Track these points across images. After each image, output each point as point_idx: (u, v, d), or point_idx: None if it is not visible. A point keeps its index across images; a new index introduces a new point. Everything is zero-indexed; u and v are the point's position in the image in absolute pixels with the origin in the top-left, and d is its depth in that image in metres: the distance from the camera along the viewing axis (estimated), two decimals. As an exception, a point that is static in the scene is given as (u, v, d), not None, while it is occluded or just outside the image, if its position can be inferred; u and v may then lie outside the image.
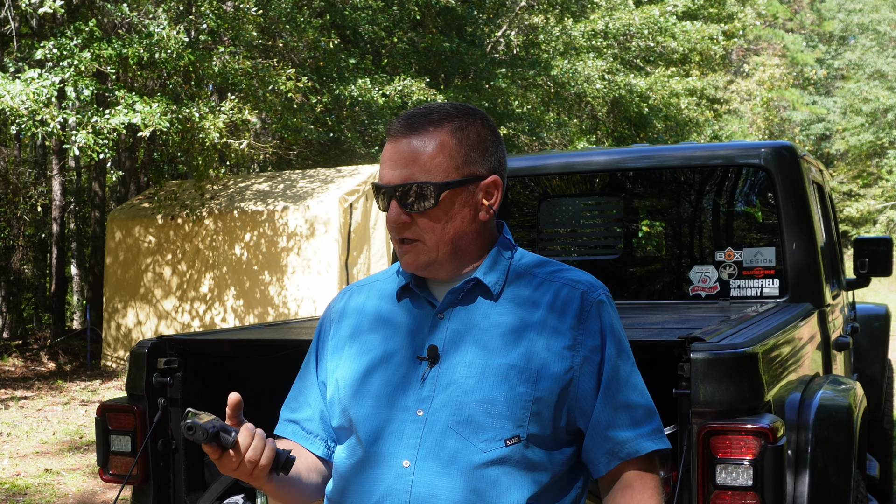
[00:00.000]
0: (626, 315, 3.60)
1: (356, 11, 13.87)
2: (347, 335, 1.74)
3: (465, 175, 1.63)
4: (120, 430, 2.99)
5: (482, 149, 1.66)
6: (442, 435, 1.58)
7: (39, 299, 17.81)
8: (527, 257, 1.73)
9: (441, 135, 1.63)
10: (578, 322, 1.63)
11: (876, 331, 5.26)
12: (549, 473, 1.61)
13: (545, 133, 16.79)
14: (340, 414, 1.69)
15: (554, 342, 1.61)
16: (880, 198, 32.36)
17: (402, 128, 1.64)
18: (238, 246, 12.08)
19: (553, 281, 1.67)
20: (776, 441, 2.29)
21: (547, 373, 1.60)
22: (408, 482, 1.57)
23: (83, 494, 6.48)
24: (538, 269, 1.70)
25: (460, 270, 1.68)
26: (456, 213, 1.64)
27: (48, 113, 9.28)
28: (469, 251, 1.67)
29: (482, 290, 1.66)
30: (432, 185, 1.61)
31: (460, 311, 1.66)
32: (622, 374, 1.65)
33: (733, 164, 4.07)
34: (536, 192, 4.45)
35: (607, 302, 1.67)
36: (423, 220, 1.63)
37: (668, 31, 18.49)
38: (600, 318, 1.65)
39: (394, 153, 1.64)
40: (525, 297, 1.66)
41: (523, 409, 1.58)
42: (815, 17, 39.68)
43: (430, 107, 1.68)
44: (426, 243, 1.64)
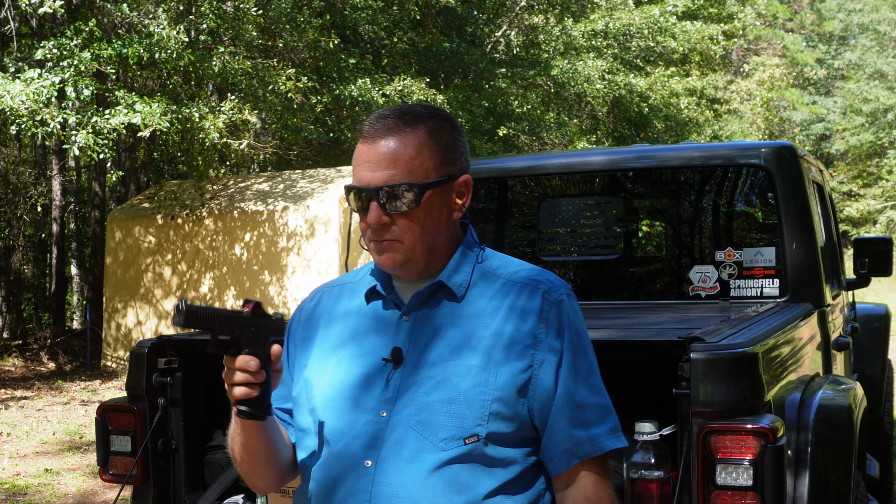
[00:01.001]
0: (626, 315, 3.61)
1: (356, 11, 13.87)
2: (317, 336, 1.77)
3: (442, 175, 1.66)
4: (120, 430, 2.99)
5: (455, 149, 1.69)
6: (403, 435, 1.60)
7: (39, 299, 17.81)
8: (491, 258, 1.75)
9: (419, 136, 1.65)
10: (539, 321, 1.65)
11: (876, 331, 5.26)
12: (509, 471, 1.62)
13: (545, 133, 16.79)
14: (307, 413, 1.71)
15: (514, 342, 1.63)
16: (880, 198, 32.37)
17: (379, 129, 1.65)
18: (238, 246, 12.09)
19: (516, 281, 1.69)
20: (776, 441, 2.29)
21: (506, 371, 1.62)
22: (368, 482, 1.60)
23: (83, 494, 6.48)
24: (502, 270, 1.72)
25: (431, 270, 1.70)
26: (433, 214, 1.66)
27: (48, 113, 9.28)
28: (441, 251, 1.70)
29: (447, 292, 1.69)
30: (415, 186, 1.63)
31: (425, 314, 1.69)
32: (581, 374, 1.67)
33: (733, 164, 4.07)
34: (536, 192, 4.46)
35: (568, 301, 1.69)
36: (403, 220, 1.65)
37: (668, 31, 18.48)
38: (560, 317, 1.66)
39: (372, 154, 1.65)
40: (488, 298, 1.68)
41: (482, 408, 1.60)
42: (815, 17, 39.68)
43: (400, 108, 1.69)
44: (404, 243, 1.66)
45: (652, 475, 2.53)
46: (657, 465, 2.54)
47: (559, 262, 4.35)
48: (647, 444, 2.56)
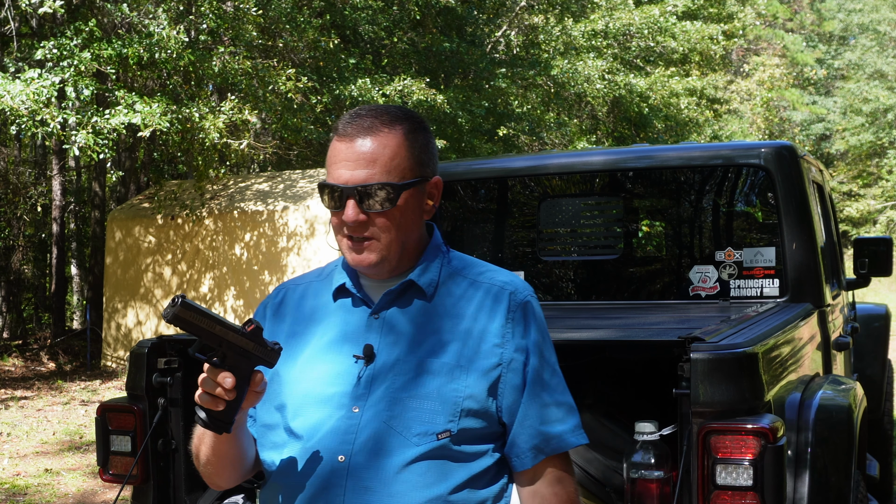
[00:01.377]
0: (626, 315, 3.61)
1: (356, 11, 13.87)
2: (285, 333, 1.78)
3: (417, 176, 1.70)
4: (120, 430, 2.99)
5: (428, 151, 1.73)
6: (376, 430, 1.63)
7: (39, 299, 17.81)
8: (456, 259, 1.80)
9: (397, 136, 1.68)
10: (506, 321, 1.70)
11: (876, 331, 5.26)
12: (476, 466, 1.67)
13: (545, 133, 16.79)
14: (273, 410, 1.73)
15: (484, 341, 1.69)
16: (880, 198, 32.37)
17: (357, 128, 1.68)
18: (238, 246, 12.09)
19: (482, 282, 1.75)
20: (776, 441, 2.29)
21: (477, 370, 1.67)
22: (343, 476, 1.63)
23: (83, 494, 6.48)
24: (468, 271, 1.77)
25: (400, 269, 1.74)
26: (409, 214, 1.70)
27: (48, 113, 9.28)
28: (411, 251, 1.74)
29: (417, 291, 1.73)
30: (393, 185, 1.66)
31: (395, 312, 1.72)
32: (546, 373, 1.73)
33: (733, 164, 4.07)
34: (536, 192, 4.46)
35: (533, 302, 1.75)
36: (380, 219, 1.67)
37: (668, 31, 18.48)
38: (526, 318, 1.72)
39: (350, 153, 1.67)
40: (456, 298, 1.73)
41: (454, 405, 1.64)
42: (815, 17, 39.68)
43: (376, 108, 1.72)
44: (380, 242, 1.69)
45: (652, 475, 2.53)
46: (657, 465, 2.54)
47: (559, 262, 4.35)
48: (647, 444, 2.56)
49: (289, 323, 1.80)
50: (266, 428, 1.75)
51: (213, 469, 1.74)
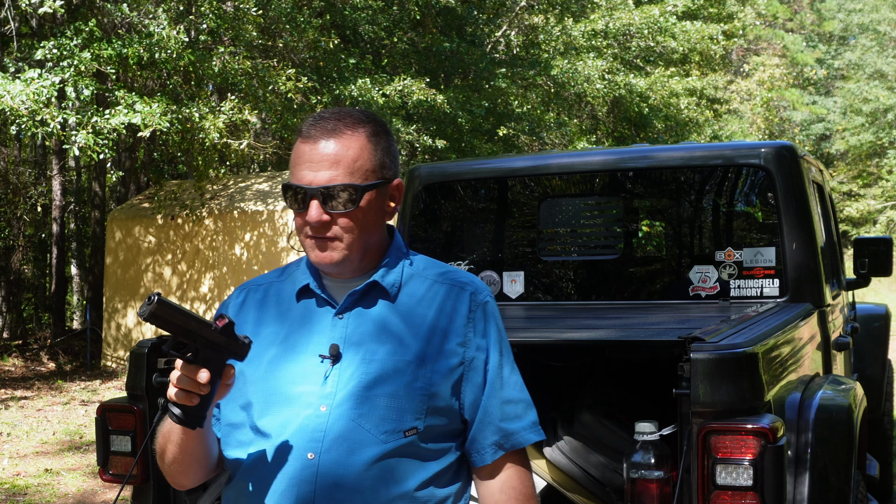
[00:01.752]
0: (626, 315, 3.61)
1: (356, 11, 13.87)
2: (248, 333, 1.80)
3: (379, 178, 1.74)
4: (120, 430, 2.99)
5: (391, 154, 1.77)
6: (345, 428, 1.67)
7: (39, 299, 17.82)
8: (417, 260, 1.84)
9: (360, 139, 1.72)
10: (468, 321, 1.76)
11: (876, 331, 5.26)
12: (440, 462, 1.73)
13: (545, 133, 16.79)
14: (238, 409, 1.76)
15: (446, 340, 1.74)
16: (880, 198, 32.37)
17: (321, 131, 1.71)
18: (238, 246, 12.09)
19: (443, 283, 1.79)
20: (776, 441, 2.29)
21: (441, 368, 1.72)
22: (313, 473, 1.66)
23: (83, 494, 6.48)
24: (428, 272, 1.82)
25: (363, 270, 1.78)
26: (371, 215, 1.74)
27: (48, 113, 9.28)
28: (373, 251, 1.78)
29: (380, 291, 1.77)
30: (356, 187, 1.70)
31: (360, 312, 1.76)
32: (505, 371, 1.78)
33: (733, 164, 4.07)
34: (536, 192, 4.46)
35: (492, 302, 1.81)
36: (343, 220, 1.71)
37: (668, 31, 18.48)
38: (486, 317, 1.78)
39: (314, 155, 1.71)
40: (419, 298, 1.77)
41: (420, 403, 1.69)
42: (815, 17, 39.68)
43: (339, 111, 1.76)
44: (343, 242, 1.72)
45: (652, 475, 2.53)
46: (657, 465, 2.54)
47: (559, 262, 4.35)
48: (647, 444, 2.56)
49: (252, 323, 1.82)
50: (231, 427, 1.78)
51: (180, 468, 1.77)
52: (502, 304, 4.27)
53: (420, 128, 13.69)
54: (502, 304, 4.28)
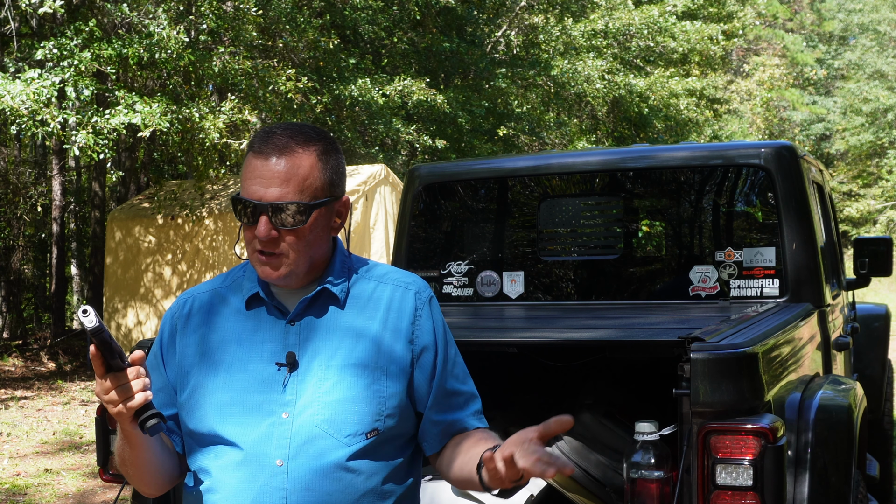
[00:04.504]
0: (626, 315, 3.61)
1: (356, 11, 13.86)
2: (196, 342, 1.83)
3: (328, 196, 1.78)
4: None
5: (339, 172, 1.81)
6: (309, 434, 1.72)
7: (39, 299, 17.81)
8: (357, 262, 1.89)
9: (311, 157, 1.75)
10: (415, 319, 1.81)
11: (876, 331, 5.26)
12: (403, 454, 1.82)
13: (545, 133, 16.79)
14: (198, 419, 1.78)
15: (396, 340, 1.80)
16: (880, 198, 32.37)
17: (273, 147, 1.73)
18: (238, 246, 12.08)
19: (387, 283, 1.85)
20: (776, 441, 2.29)
21: (395, 369, 1.78)
22: (283, 479, 1.70)
23: (83, 494, 6.48)
24: (370, 273, 1.87)
25: (308, 280, 1.82)
26: (317, 231, 1.77)
27: (48, 113, 9.28)
28: (318, 263, 1.82)
29: (330, 297, 1.81)
30: (304, 205, 1.73)
31: (311, 319, 1.80)
32: (450, 365, 1.86)
33: (733, 164, 4.07)
34: (536, 192, 4.45)
35: (434, 299, 1.88)
36: (290, 236, 1.74)
37: (668, 31, 18.48)
38: (432, 314, 1.84)
39: (265, 171, 1.73)
40: (365, 301, 1.82)
41: (379, 404, 1.75)
42: (815, 17, 39.67)
43: (291, 127, 1.78)
44: (289, 257, 1.76)
45: (652, 475, 2.53)
46: (657, 465, 2.54)
47: (559, 262, 4.35)
48: (647, 444, 2.56)
49: (201, 333, 1.84)
50: (192, 438, 1.80)
51: (141, 479, 1.80)
52: (502, 304, 4.27)
53: (420, 128, 13.69)
54: (502, 303, 4.28)
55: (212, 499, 1.76)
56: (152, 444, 1.76)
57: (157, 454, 1.78)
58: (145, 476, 1.79)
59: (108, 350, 1.58)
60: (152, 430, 1.62)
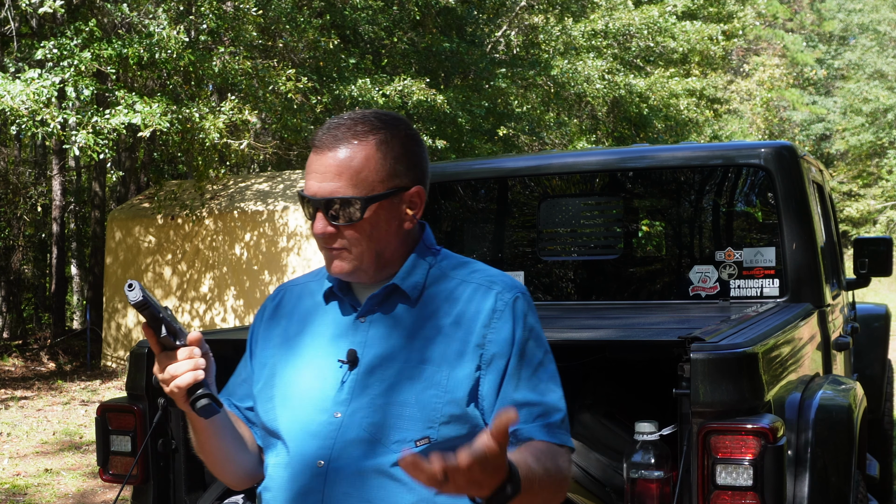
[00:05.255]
0: (626, 315, 3.61)
1: (356, 11, 13.87)
2: (279, 335, 1.80)
3: (389, 188, 1.67)
4: (120, 430, 2.99)
5: (406, 160, 1.69)
6: (356, 436, 1.63)
7: (39, 299, 17.82)
8: (448, 259, 1.77)
9: (367, 148, 1.66)
10: (489, 322, 1.66)
11: (876, 331, 5.26)
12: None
13: (545, 133, 16.79)
14: (264, 412, 1.75)
15: (465, 343, 1.65)
16: (880, 198, 32.38)
17: (329, 139, 1.67)
18: (238, 246, 12.09)
19: (469, 282, 1.71)
20: (776, 441, 2.29)
21: (458, 374, 1.64)
22: (321, 482, 1.63)
23: (83, 494, 6.48)
24: (456, 272, 1.74)
25: (384, 275, 1.72)
26: (381, 225, 1.68)
27: (48, 113, 9.28)
28: (392, 259, 1.72)
29: (400, 294, 1.71)
30: (358, 199, 1.65)
31: (380, 316, 1.71)
32: (525, 374, 1.66)
33: (733, 164, 4.07)
34: (536, 192, 4.46)
35: (521, 302, 1.69)
36: (349, 231, 1.67)
37: (668, 31, 18.48)
38: (513, 318, 1.67)
39: (320, 165, 1.67)
40: (441, 300, 1.70)
41: (434, 411, 1.62)
42: (815, 17, 39.67)
43: (354, 117, 1.70)
44: (352, 253, 1.69)
45: (652, 475, 2.53)
46: (657, 465, 2.54)
47: (559, 262, 4.35)
48: (647, 444, 2.56)
49: (283, 325, 1.80)
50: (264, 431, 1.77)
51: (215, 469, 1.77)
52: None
53: (420, 128, 13.69)
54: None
55: (265, 497, 1.72)
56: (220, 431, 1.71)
57: (228, 443, 1.73)
58: (217, 465, 1.75)
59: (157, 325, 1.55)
60: (203, 411, 1.58)
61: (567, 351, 3.12)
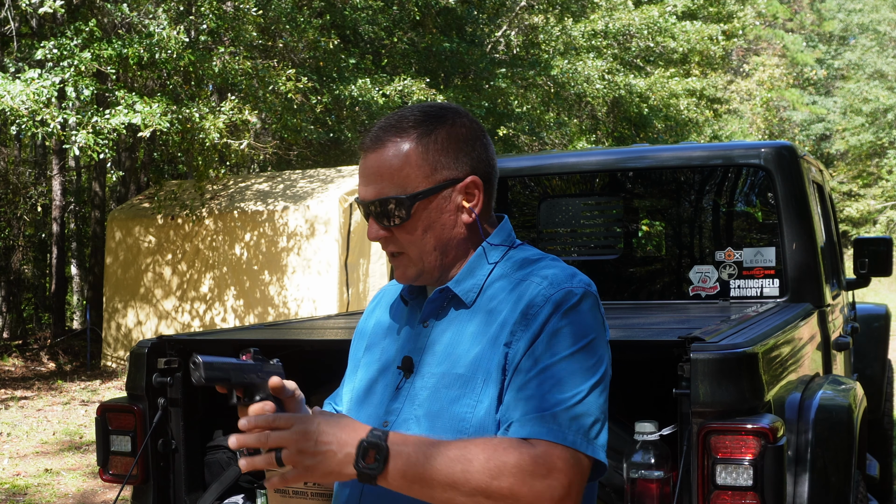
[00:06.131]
0: (626, 315, 3.61)
1: (356, 11, 13.87)
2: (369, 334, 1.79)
3: (436, 182, 1.60)
4: (120, 430, 2.99)
5: (454, 151, 1.61)
6: None
7: (39, 299, 17.82)
8: (518, 256, 1.65)
9: (405, 145, 1.59)
10: (524, 316, 1.53)
11: (876, 331, 5.26)
12: None
13: (545, 133, 16.80)
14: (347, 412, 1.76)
15: (497, 345, 1.54)
16: (880, 198, 32.37)
17: (370, 141, 1.62)
18: (238, 246, 12.09)
19: (525, 281, 1.58)
20: (776, 441, 2.29)
21: (490, 378, 1.54)
22: (359, 489, 1.60)
23: (83, 494, 6.48)
24: (519, 272, 1.61)
25: (452, 275, 1.65)
26: (434, 222, 1.61)
27: (48, 113, 9.28)
28: (458, 255, 1.64)
29: (455, 299, 1.63)
30: (402, 198, 1.58)
31: (437, 321, 1.64)
32: (541, 370, 1.50)
33: (733, 164, 4.07)
34: (536, 192, 4.46)
35: (570, 298, 1.53)
36: (401, 233, 1.61)
37: (668, 32, 18.48)
38: (552, 314, 1.51)
39: (364, 168, 1.62)
40: (497, 303, 1.58)
41: (462, 422, 1.54)
42: (815, 17, 39.67)
43: (397, 114, 1.63)
44: (410, 255, 1.63)
45: (652, 475, 2.53)
46: (657, 465, 2.54)
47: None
48: (647, 444, 2.56)
49: (372, 325, 1.80)
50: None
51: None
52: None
53: (420, 128, 13.67)
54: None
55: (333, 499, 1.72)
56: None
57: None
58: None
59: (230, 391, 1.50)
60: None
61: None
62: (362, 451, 1.39)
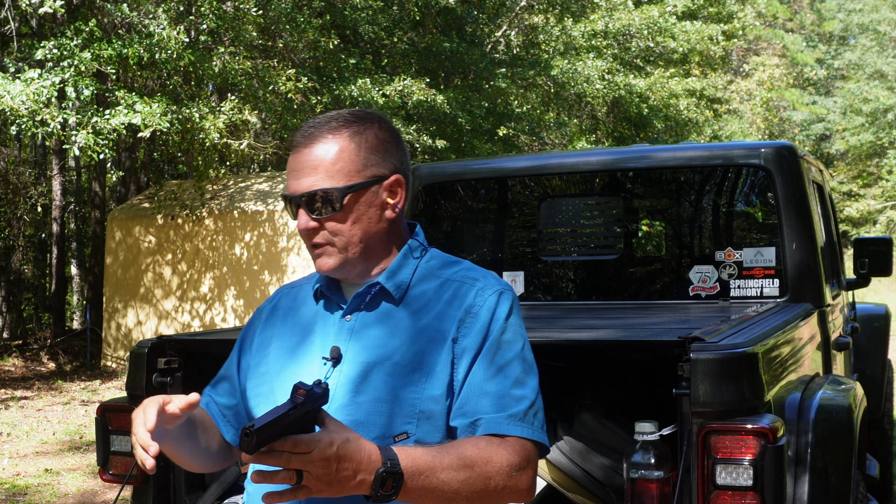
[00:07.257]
0: (626, 315, 3.61)
1: (356, 11, 13.87)
2: (272, 334, 1.83)
3: (366, 177, 1.72)
4: (120, 430, 2.99)
5: (382, 150, 1.74)
6: None
7: (39, 299, 17.82)
8: (436, 259, 1.81)
9: (340, 140, 1.71)
10: (466, 317, 1.69)
11: (876, 331, 5.26)
12: None
13: (545, 133, 16.80)
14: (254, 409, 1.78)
15: (443, 339, 1.68)
16: (880, 198, 32.38)
17: (304, 138, 1.72)
18: (238, 246, 12.09)
19: (453, 280, 1.75)
20: (776, 441, 2.29)
21: (435, 371, 1.67)
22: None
23: (83, 494, 6.48)
24: (443, 271, 1.77)
25: (370, 271, 1.76)
26: (362, 215, 1.72)
27: (48, 113, 9.28)
28: (378, 251, 1.76)
29: (385, 293, 1.74)
30: (335, 189, 1.69)
31: (364, 314, 1.74)
32: (494, 364, 1.67)
33: (733, 164, 4.07)
34: (536, 192, 4.46)
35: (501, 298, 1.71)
36: (330, 224, 1.71)
37: (668, 32, 18.48)
38: (489, 312, 1.69)
39: (297, 163, 1.72)
40: (426, 300, 1.73)
41: (411, 407, 1.65)
42: (815, 17, 39.68)
43: (327, 116, 1.75)
44: (336, 246, 1.72)
45: (652, 475, 2.53)
46: (657, 465, 2.54)
47: (559, 262, 4.35)
48: (647, 444, 2.56)
49: (278, 326, 1.84)
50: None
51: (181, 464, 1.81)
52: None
53: (420, 128, 13.69)
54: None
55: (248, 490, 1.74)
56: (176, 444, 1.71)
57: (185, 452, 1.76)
58: (182, 463, 1.80)
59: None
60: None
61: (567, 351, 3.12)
62: (380, 481, 1.49)
